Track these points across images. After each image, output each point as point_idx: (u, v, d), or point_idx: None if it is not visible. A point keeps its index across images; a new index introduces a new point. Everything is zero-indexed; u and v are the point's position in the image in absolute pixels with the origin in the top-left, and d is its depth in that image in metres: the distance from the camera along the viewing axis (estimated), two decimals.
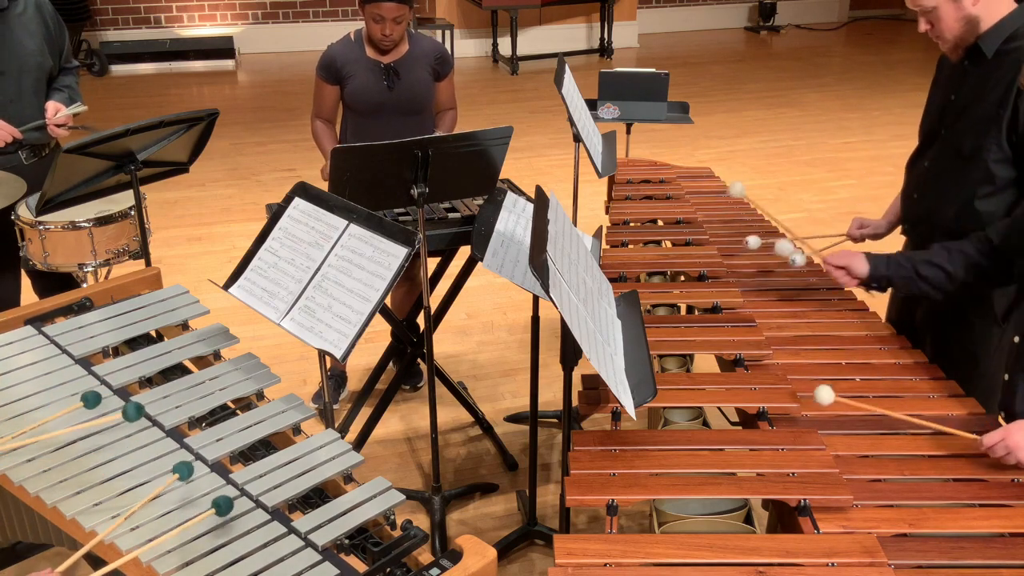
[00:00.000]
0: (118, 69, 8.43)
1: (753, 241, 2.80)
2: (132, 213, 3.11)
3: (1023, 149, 2.29)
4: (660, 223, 3.28)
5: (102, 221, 3.08)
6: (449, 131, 3.41)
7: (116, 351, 2.22)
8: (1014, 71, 2.26)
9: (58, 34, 3.26)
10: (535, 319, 2.75)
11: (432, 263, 3.30)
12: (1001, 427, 1.92)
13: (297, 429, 1.97)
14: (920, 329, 2.58)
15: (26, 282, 3.35)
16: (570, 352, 2.17)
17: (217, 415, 2.00)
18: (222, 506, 1.62)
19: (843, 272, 2.39)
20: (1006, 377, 2.08)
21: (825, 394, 1.98)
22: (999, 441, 1.87)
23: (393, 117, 3.30)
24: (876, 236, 2.81)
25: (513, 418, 3.58)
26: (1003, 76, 2.29)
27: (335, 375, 3.75)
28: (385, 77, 3.26)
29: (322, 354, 2.11)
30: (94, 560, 1.63)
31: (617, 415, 2.14)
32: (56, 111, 3.10)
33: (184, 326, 2.33)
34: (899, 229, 2.75)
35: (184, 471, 1.69)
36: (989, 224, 2.35)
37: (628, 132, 3.96)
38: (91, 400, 1.87)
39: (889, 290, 2.70)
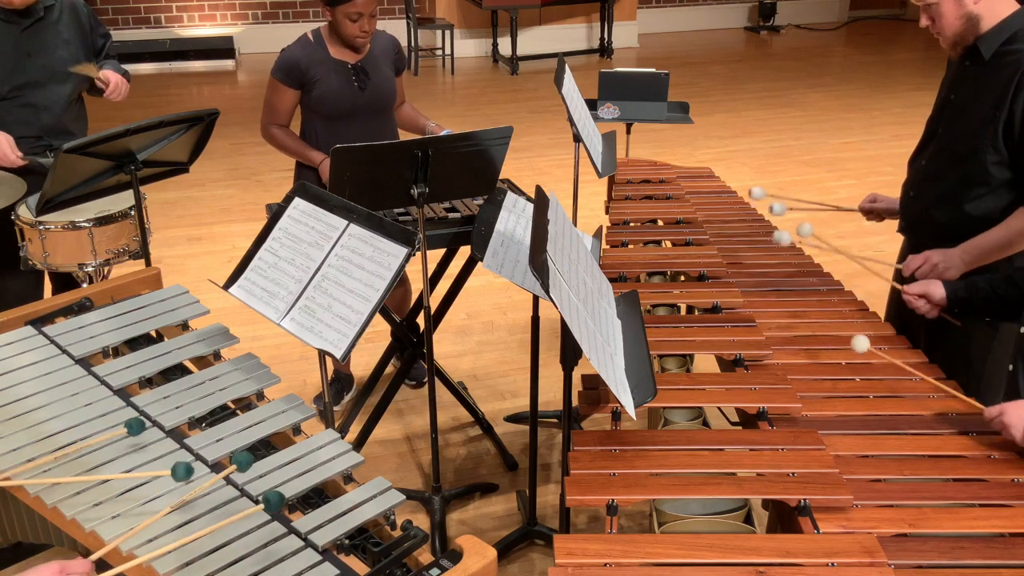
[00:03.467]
0: None
1: (757, 191, 2.85)
2: (132, 213, 3.11)
3: (1019, 151, 2.29)
4: (660, 223, 3.28)
5: (102, 221, 3.08)
6: (419, 120, 3.40)
7: (116, 351, 2.22)
8: (1011, 73, 2.27)
9: (94, 35, 3.29)
10: (535, 319, 2.75)
11: (432, 263, 3.30)
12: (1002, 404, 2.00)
13: (297, 429, 1.97)
14: (914, 324, 2.59)
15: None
16: (570, 352, 2.17)
17: (217, 415, 2.00)
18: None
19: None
20: (1011, 368, 2.10)
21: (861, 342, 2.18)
22: (997, 416, 1.96)
23: (363, 117, 3.22)
24: (890, 212, 2.77)
25: (513, 418, 3.58)
26: (1000, 78, 2.29)
27: (340, 378, 3.74)
28: (355, 78, 3.17)
29: (322, 354, 2.11)
30: (97, 562, 1.63)
31: (617, 415, 2.14)
32: (110, 76, 3.18)
33: (184, 326, 2.33)
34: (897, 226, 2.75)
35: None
36: (980, 225, 2.36)
37: (628, 132, 3.96)
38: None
39: (889, 288, 2.72)
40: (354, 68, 3.18)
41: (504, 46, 8.88)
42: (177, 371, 2.15)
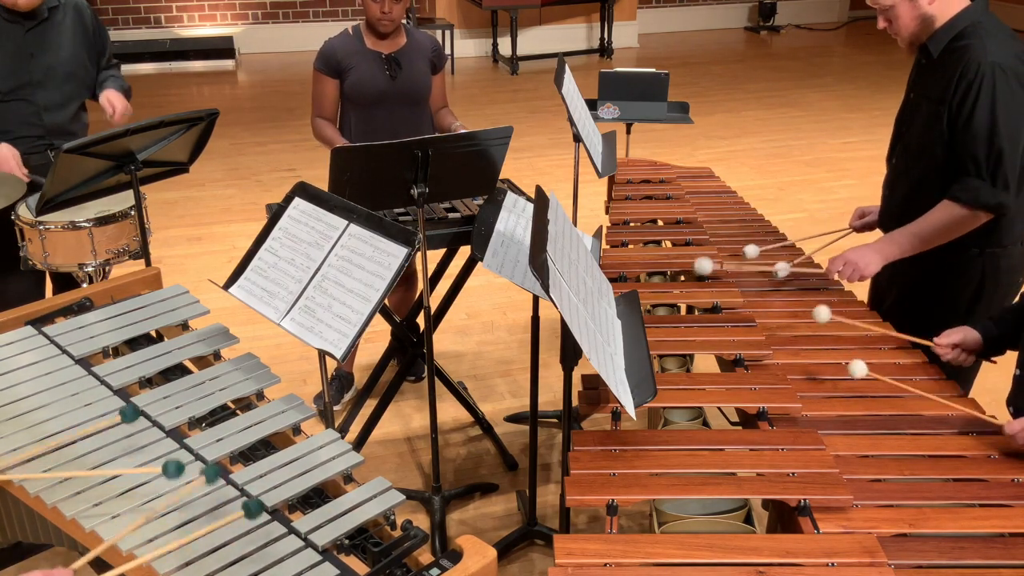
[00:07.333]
0: None
1: (751, 250, 2.83)
2: (132, 213, 3.11)
3: (953, 142, 2.38)
4: (660, 223, 3.28)
5: (102, 221, 3.08)
6: (446, 121, 3.43)
7: (116, 351, 2.22)
8: (955, 67, 2.34)
9: (98, 38, 3.30)
10: (535, 319, 2.75)
11: (432, 263, 3.30)
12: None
13: (297, 429, 1.97)
14: (888, 309, 2.65)
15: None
16: (570, 352, 2.17)
17: (217, 415, 2.00)
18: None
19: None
20: (1017, 372, 2.09)
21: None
22: (1020, 430, 1.92)
23: (395, 107, 3.31)
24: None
25: (513, 418, 3.58)
26: (946, 73, 2.37)
27: (340, 376, 3.75)
28: (387, 67, 3.27)
29: (322, 354, 2.11)
30: (98, 562, 1.63)
31: (617, 415, 2.14)
32: (114, 102, 3.20)
33: (184, 326, 2.33)
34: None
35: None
36: None
37: (628, 132, 3.96)
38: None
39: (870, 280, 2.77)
40: (387, 58, 3.28)
41: (504, 46, 8.88)
42: (177, 371, 2.15)
